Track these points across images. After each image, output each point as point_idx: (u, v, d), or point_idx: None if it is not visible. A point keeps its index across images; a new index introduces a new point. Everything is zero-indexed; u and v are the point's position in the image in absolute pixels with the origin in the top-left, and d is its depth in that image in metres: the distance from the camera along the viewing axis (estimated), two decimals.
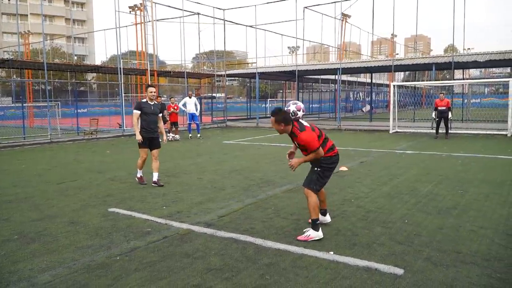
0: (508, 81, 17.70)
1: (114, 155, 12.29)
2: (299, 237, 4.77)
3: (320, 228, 4.81)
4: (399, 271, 3.87)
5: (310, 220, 4.89)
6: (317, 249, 4.42)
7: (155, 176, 7.89)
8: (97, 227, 5.26)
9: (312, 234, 4.75)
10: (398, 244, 4.55)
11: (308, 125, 4.81)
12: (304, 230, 4.92)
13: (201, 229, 5.12)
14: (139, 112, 7.72)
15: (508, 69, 44.27)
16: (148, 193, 7.21)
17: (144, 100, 7.88)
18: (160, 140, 8.17)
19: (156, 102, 7.96)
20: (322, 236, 4.77)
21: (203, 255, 4.27)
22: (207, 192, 7.23)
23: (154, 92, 7.84)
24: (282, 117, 4.65)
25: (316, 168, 4.90)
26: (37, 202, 6.61)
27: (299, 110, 4.88)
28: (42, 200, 6.77)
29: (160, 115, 8.10)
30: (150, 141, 7.91)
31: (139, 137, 7.70)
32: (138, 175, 7.99)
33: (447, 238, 4.76)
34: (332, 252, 4.32)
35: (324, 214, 5.32)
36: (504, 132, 16.89)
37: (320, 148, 4.72)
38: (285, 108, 4.93)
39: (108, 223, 5.44)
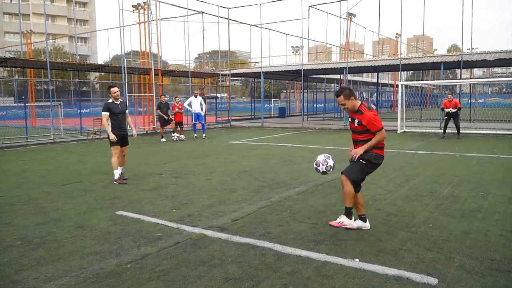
0: None
1: None
2: (332, 222, 4.93)
3: (353, 218, 4.88)
4: (433, 280, 3.59)
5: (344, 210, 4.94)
6: (341, 256, 4.14)
7: (120, 170, 8.16)
8: (105, 232, 4.99)
9: (346, 221, 4.85)
10: (426, 251, 4.27)
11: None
12: (338, 217, 4.97)
13: (215, 234, 4.85)
14: (108, 113, 8.01)
15: (511, 69, 43.92)
16: (156, 195, 6.94)
17: (110, 100, 8.13)
18: (129, 135, 8.45)
19: (121, 100, 8.28)
20: (356, 227, 4.85)
21: (220, 263, 3.99)
22: (218, 194, 6.95)
23: (117, 91, 8.16)
24: (349, 92, 4.82)
25: (362, 160, 4.79)
26: (41, 205, 6.34)
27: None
28: (46, 202, 6.50)
29: (127, 111, 8.40)
30: (122, 138, 8.18)
31: (112, 136, 7.91)
32: (116, 177, 7.99)
33: (477, 243, 4.48)
34: (357, 260, 4.04)
35: (364, 220, 5.03)
36: None
37: (383, 130, 4.73)
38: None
39: (116, 227, 5.17)
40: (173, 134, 16.44)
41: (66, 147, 14.62)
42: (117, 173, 8.01)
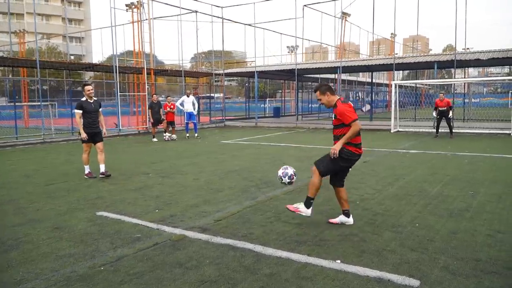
0: (510, 80, 17.35)
1: (108, 155, 11.73)
2: (288, 206, 4.96)
3: (311, 208, 4.88)
4: (415, 282, 3.47)
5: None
6: (323, 257, 4.01)
7: (102, 168, 8.42)
8: (82, 233, 4.85)
9: (302, 209, 4.84)
10: (410, 251, 4.15)
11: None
12: (297, 203, 4.94)
13: (196, 235, 4.71)
14: (81, 111, 8.21)
15: (506, 69, 44.10)
16: (140, 195, 6.79)
17: (84, 99, 8.32)
18: (101, 134, 8.66)
19: (95, 99, 8.46)
20: (310, 215, 4.90)
21: (197, 265, 3.86)
22: (203, 193, 6.82)
23: (91, 90, 8.30)
24: (326, 88, 4.89)
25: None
26: (21, 205, 6.19)
27: None
28: (27, 203, 6.35)
29: (100, 110, 8.55)
30: (94, 135, 8.38)
31: (84, 135, 8.16)
32: (86, 171, 8.37)
33: (463, 244, 4.37)
34: (339, 261, 3.92)
35: (347, 215, 5.05)
36: (507, 131, 16.56)
37: (357, 121, 4.66)
38: None
39: (94, 228, 5.03)
40: (164, 134, 16.28)
41: (56, 147, 14.44)
42: (87, 168, 8.38)
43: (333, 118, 4.91)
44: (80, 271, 3.75)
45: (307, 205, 4.82)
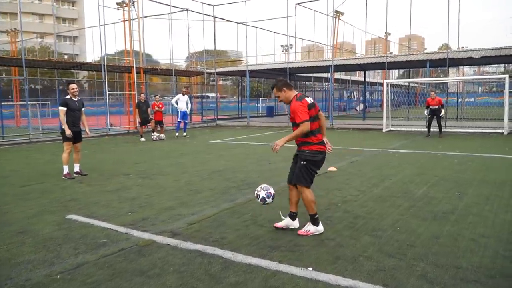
0: (503, 79, 17.20)
1: (92, 155, 11.56)
2: (299, 232, 4.64)
3: (320, 223, 4.66)
4: None
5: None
6: (294, 264, 3.79)
7: (77, 167, 8.40)
8: (47, 238, 4.60)
9: (312, 229, 4.60)
10: (388, 257, 3.94)
11: (310, 103, 4.57)
12: (306, 226, 4.66)
13: (165, 240, 4.48)
14: (65, 108, 8.08)
15: (502, 69, 44.05)
16: (116, 197, 6.55)
17: (68, 96, 8.23)
18: (82, 133, 8.58)
19: (79, 98, 8.36)
20: (323, 231, 4.61)
21: (160, 273, 3.63)
22: (181, 195, 6.58)
23: (76, 88, 8.23)
24: (282, 83, 4.68)
25: (302, 162, 4.59)
26: None
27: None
28: None
29: (83, 109, 8.47)
30: (77, 134, 8.31)
31: (68, 131, 8.01)
32: (65, 172, 8.15)
33: (444, 249, 4.15)
34: (311, 268, 3.70)
35: (293, 218, 4.82)
36: (500, 131, 16.41)
37: (307, 123, 4.42)
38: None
39: (60, 232, 4.78)
40: (152, 134, 16.01)
41: (41, 147, 14.16)
42: (66, 169, 8.17)
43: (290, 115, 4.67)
44: (35, 279, 3.52)
45: (315, 223, 4.60)
